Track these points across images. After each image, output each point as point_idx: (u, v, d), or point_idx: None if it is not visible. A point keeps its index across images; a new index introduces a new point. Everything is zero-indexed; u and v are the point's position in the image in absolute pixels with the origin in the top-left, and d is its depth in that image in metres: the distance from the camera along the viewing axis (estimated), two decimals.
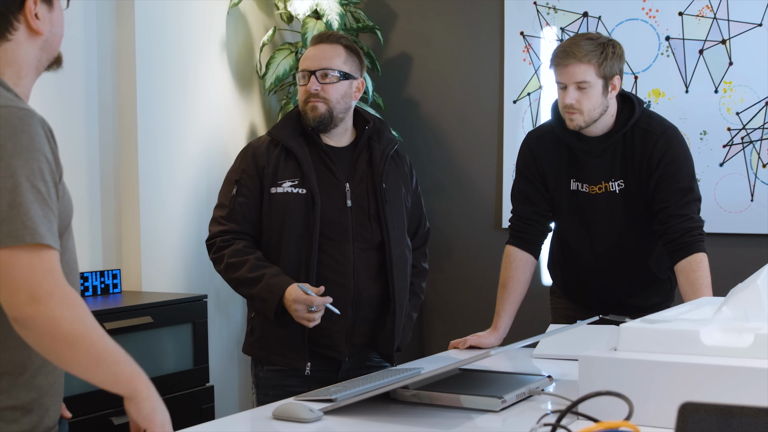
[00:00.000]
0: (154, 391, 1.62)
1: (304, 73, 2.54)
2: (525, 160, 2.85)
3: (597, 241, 2.81)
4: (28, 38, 1.64)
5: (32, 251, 1.48)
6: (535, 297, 4.14)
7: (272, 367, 2.54)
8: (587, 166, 2.75)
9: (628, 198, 2.72)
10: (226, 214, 2.52)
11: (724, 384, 1.57)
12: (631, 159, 2.70)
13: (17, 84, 1.65)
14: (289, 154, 2.52)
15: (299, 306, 2.36)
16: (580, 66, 2.61)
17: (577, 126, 2.67)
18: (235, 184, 2.53)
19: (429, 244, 2.84)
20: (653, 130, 2.71)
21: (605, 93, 2.66)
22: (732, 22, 3.72)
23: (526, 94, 4.12)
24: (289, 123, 2.56)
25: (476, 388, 2.01)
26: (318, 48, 2.55)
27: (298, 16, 3.92)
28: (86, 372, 1.56)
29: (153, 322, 3.08)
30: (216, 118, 3.92)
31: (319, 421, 1.82)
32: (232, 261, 2.47)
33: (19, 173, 1.50)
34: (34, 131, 1.55)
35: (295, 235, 2.47)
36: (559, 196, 2.81)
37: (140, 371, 1.62)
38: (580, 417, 1.42)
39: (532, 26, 4.09)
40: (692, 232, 2.65)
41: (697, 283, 2.61)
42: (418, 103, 4.41)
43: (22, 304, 1.47)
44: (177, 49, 3.71)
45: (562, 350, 2.44)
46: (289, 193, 2.49)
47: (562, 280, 3.03)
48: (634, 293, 2.86)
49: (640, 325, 1.77)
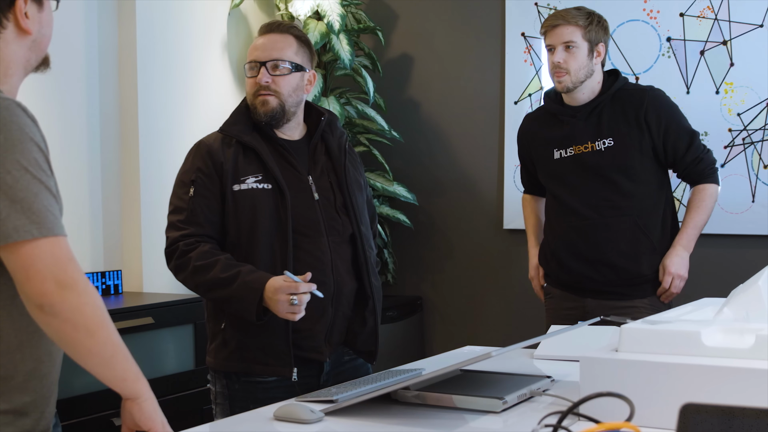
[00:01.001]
0: (152, 393, 1.64)
1: (252, 65, 2.39)
2: (518, 144, 3.27)
3: (587, 197, 3.00)
4: (17, 37, 1.64)
5: (51, 242, 1.51)
6: (536, 298, 4.14)
7: (251, 378, 2.36)
8: (573, 130, 3.02)
9: (617, 153, 2.96)
10: (184, 217, 2.35)
11: (725, 385, 1.57)
12: (623, 117, 2.96)
13: (4, 82, 1.64)
14: (247, 149, 2.37)
15: (282, 297, 2.17)
16: (568, 27, 2.95)
17: (565, 87, 2.98)
18: (192, 185, 2.35)
19: (430, 245, 2.83)
20: (642, 88, 3.03)
21: (590, 56, 2.97)
22: (733, 23, 3.72)
23: (527, 95, 4.12)
24: (241, 118, 2.41)
25: (477, 389, 2.00)
26: (268, 38, 2.40)
27: (299, 17, 3.93)
28: (99, 365, 1.58)
29: (154, 323, 3.09)
30: (217, 119, 3.91)
31: (320, 422, 1.82)
32: (200, 264, 2.29)
33: (17, 166, 1.51)
34: (22, 120, 1.55)
35: (267, 233, 2.32)
36: (545, 168, 3.10)
37: (141, 373, 1.64)
38: (581, 418, 1.42)
39: (533, 27, 4.09)
40: (702, 172, 3.00)
41: (694, 205, 3.01)
42: (419, 103, 4.41)
43: (50, 291, 1.50)
44: (178, 49, 3.71)
45: (563, 351, 2.44)
46: (255, 189, 2.33)
47: (555, 260, 3.13)
48: (626, 254, 2.98)
49: (641, 326, 1.77)
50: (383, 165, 4.15)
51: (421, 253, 4.37)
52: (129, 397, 1.63)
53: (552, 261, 3.14)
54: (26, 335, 1.62)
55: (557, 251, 3.10)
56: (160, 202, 3.62)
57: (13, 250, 1.51)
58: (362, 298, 2.45)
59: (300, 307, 2.18)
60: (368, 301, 2.44)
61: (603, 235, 3.00)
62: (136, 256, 3.54)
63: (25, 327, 1.62)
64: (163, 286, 3.61)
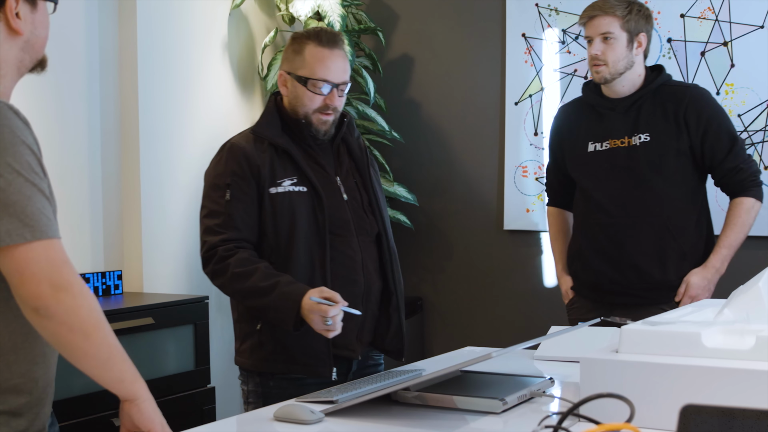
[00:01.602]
0: (150, 394, 1.64)
1: (324, 84, 2.40)
2: (550, 136, 3.13)
3: (617, 194, 2.88)
4: (8, 37, 1.63)
5: (45, 245, 1.51)
6: (536, 299, 4.14)
7: (286, 376, 2.40)
8: (609, 123, 2.90)
9: (652, 150, 2.84)
10: (222, 221, 2.35)
11: (725, 386, 1.57)
12: (663, 113, 2.84)
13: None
14: (281, 152, 2.40)
15: (316, 317, 2.21)
16: (605, 18, 2.84)
17: (603, 78, 2.86)
18: (227, 188, 2.36)
19: (430, 246, 2.85)
20: (685, 85, 2.92)
21: (630, 47, 2.85)
22: (734, 24, 3.72)
23: (528, 96, 4.12)
24: (273, 120, 2.44)
25: (477, 389, 2.00)
26: (336, 55, 2.42)
27: (299, 17, 3.93)
28: (96, 367, 1.58)
29: (154, 324, 3.08)
30: (217, 120, 3.92)
31: (320, 422, 1.82)
32: (239, 271, 2.30)
33: (8, 169, 1.50)
34: (13, 123, 1.54)
35: (304, 236, 2.36)
36: (577, 160, 2.97)
37: (139, 374, 1.64)
38: (581, 419, 1.42)
39: (534, 28, 4.09)
40: (742, 183, 2.86)
41: (730, 221, 2.87)
42: (420, 104, 4.41)
43: (45, 294, 1.50)
44: (179, 50, 3.71)
45: (563, 352, 2.43)
46: (292, 192, 2.37)
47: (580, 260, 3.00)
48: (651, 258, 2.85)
49: (641, 327, 1.77)
50: (384, 165, 4.15)
51: (421, 253, 4.37)
52: (127, 399, 1.63)
53: (577, 261, 3.02)
54: (20, 337, 1.62)
55: (582, 250, 2.98)
56: (160, 203, 3.62)
57: (7, 254, 1.50)
58: (386, 296, 2.50)
59: (334, 326, 2.22)
60: (392, 299, 2.50)
61: (629, 235, 2.87)
62: (136, 256, 3.54)
63: (19, 329, 1.61)
64: (163, 287, 3.61)
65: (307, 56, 2.41)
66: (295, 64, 2.43)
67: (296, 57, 2.43)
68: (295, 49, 2.44)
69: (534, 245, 4.15)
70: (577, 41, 3.99)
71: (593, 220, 2.94)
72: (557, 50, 4.05)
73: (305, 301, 2.22)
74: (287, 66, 2.45)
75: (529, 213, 4.12)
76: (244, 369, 2.47)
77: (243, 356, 2.45)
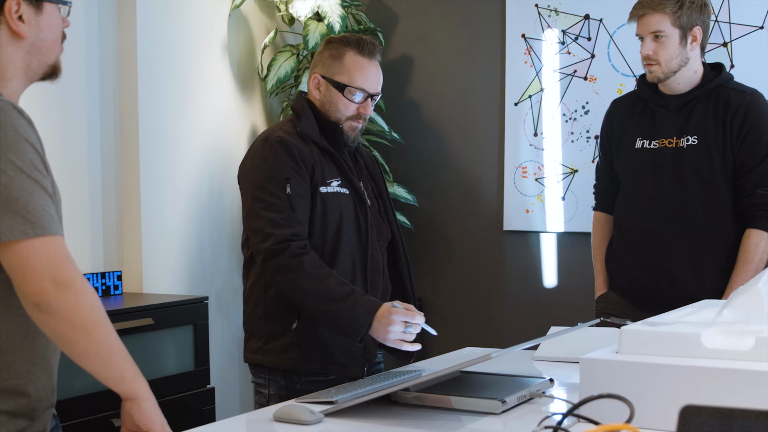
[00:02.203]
0: (152, 393, 1.64)
1: (362, 93, 2.42)
2: (601, 130, 2.98)
3: (658, 196, 2.75)
4: (11, 40, 1.63)
5: (47, 242, 1.52)
6: (536, 299, 4.14)
7: (314, 378, 2.37)
8: (661, 121, 2.77)
9: (698, 154, 2.71)
10: (287, 216, 2.27)
11: (725, 387, 1.57)
12: (714, 116, 2.70)
13: (3, 85, 1.64)
14: (324, 152, 2.39)
15: (398, 321, 2.18)
16: (655, 15, 2.68)
17: (656, 78, 2.72)
18: (287, 182, 2.29)
19: (430, 246, 2.86)
20: (743, 89, 2.74)
21: (683, 44, 2.69)
22: (733, 25, 3.72)
23: (528, 97, 4.12)
24: (314, 122, 2.41)
25: (477, 390, 2.00)
26: (375, 67, 2.45)
27: (299, 18, 3.93)
28: (97, 364, 1.58)
29: (154, 324, 3.08)
30: (217, 120, 3.92)
31: (319, 423, 1.82)
32: (314, 271, 2.23)
33: (11, 166, 1.51)
34: (16, 121, 1.55)
35: (349, 238, 2.36)
36: (623, 156, 2.85)
37: (140, 373, 1.64)
38: (581, 420, 1.42)
39: (534, 28, 4.09)
40: (751, 208, 2.69)
41: (739, 259, 2.68)
42: (420, 104, 4.41)
43: (47, 290, 1.51)
44: (178, 50, 3.71)
45: (563, 353, 2.44)
46: (340, 193, 2.37)
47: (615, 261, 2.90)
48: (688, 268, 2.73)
49: (641, 327, 1.77)
50: (383, 166, 4.15)
51: (421, 254, 4.37)
52: (128, 397, 1.63)
53: (612, 262, 2.92)
54: (18, 336, 1.62)
55: (618, 252, 2.88)
56: (159, 203, 3.62)
57: (9, 250, 1.51)
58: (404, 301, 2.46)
59: (412, 336, 2.21)
60: (410, 303, 2.52)
61: (666, 241, 2.74)
62: (135, 256, 3.54)
63: (17, 328, 1.62)
64: (163, 287, 3.61)
65: (346, 63, 2.41)
66: (333, 69, 2.42)
67: (334, 62, 2.42)
68: (333, 55, 2.42)
69: (534, 246, 4.15)
70: (577, 42, 4.00)
71: (632, 222, 2.83)
72: (557, 51, 4.05)
73: (384, 308, 2.20)
74: (323, 70, 2.43)
75: (529, 213, 4.12)
76: (264, 367, 2.40)
77: (269, 355, 2.38)
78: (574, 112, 4.02)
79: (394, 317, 2.19)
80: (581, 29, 3.98)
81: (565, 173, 4.05)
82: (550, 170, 4.07)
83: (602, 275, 2.97)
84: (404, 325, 2.19)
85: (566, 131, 4.04)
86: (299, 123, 2.38)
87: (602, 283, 2.97)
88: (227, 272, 3.96)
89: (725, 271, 2.71)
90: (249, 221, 2.33)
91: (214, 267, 3.88)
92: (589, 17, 3.97)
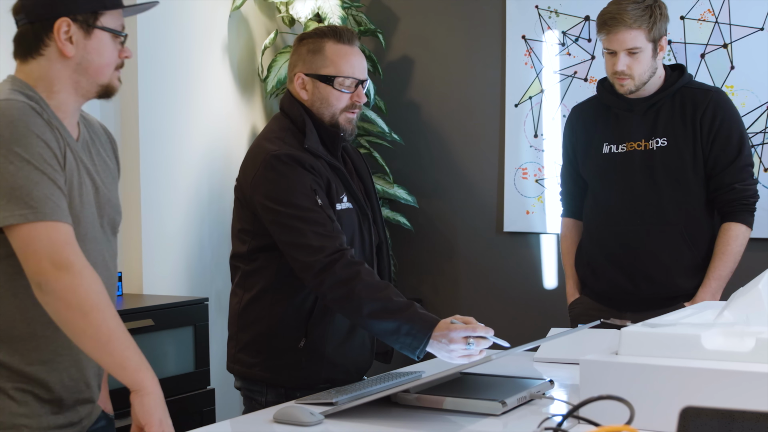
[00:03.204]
0: (159, 388, 1.66)
1: (352, 81, 2.29)
2: (563, 138, 2.98)
3: (631, 199, 2.75)
4: (59, 58, 1.74)
5: (48, 226, 1.61)
6: (536, 301, 4.14)
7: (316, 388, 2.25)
8: (627, 125, 2.76)
9: (669, 155, 2.72)
10: (330, 227, 2.17)
11: (725, 388, 1.57)
12: (681, 116, 2.71)
13: (51, 97, 1.75)
14: (331, 167, 2.29)
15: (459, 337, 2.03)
16: (630, 32, 2.63)
17: (628, 90, 2.70)
18: (315, 195, 2.19)
19: (430, 247, 2.82)
20: (707, 88, 2.75)
21: (654, 55, 2.68)
22: (734, 26, 3.72)
23: (528, 98, 4.12)
24: (316, 134, 2.30)
25: (477, 391, 2.00)
26: (358, 53, 2.32)
27: (299, 19, 3.93)
28: (96, 348, 1.63)
29: (154, 325, 3.08)
30: (217, 122, 3.92)
31: (319, 424, 1.82)
32: (373, 281, 2.13)
33: (18, 158, 1.61)
34: (31, 120, 1.65)
35: (357, 253, 2.28)
36: (591, 162, 2.84)
37: (148, 366, 1.66)
38: (581, 421, 1.42)
39: (534, 30, 4.09)
40: (730, 203, 2.71)
41: (717, 251, 2.71)
42: (420, 106, 4.41)
43: (46, 270, 1.60)
44: (179, 52, 3.71)
45: (563, 354, 2.44)
46: (349, 209, 2.29)
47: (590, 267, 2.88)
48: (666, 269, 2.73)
49: (641, 329, 1.77)
50: (383, 167, 4.15)
51: (421, 255, 4.37)
52: (131, 389, 1.66)
53: (587, 268, 2.90)
54: (40, 326, 1.71)
55: (592, 257, 2.86)
56: (160, 204, 3.62)
57: (13, 234, 1.61)
58: None
59: (476, 351, 2.04)
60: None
61: (643, 243, 2.75)
62: (135, 257, 3.54)
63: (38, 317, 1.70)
64: (163, 288, 3.61)
65: (329, 54, 2.29)
66: (316, 64, 2.30)
67: (315, 57, 2.30)
68: (312, 49, 2.31)
69: (534, 247, 4.14)
70: (577, 43, 4.00)
71: (605, 226, 2.81)
72: (557, 52, 4.05)
73: (442, 325, 2.06)
74: (305, 68, 2.31)
75: (529, 215, 4.12)
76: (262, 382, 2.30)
77: (269, 371, 2.28)
78: None
79: (453, 335, 2.03)
80: (581, 30, 3.98)
81: None
82: (551, 172, 4.07)
83: (573, 280, 2.96)
84: (465, 341, 2.03)
85: None
86: (305, 139, 2.27)
87: (573, 288, 2.96)
88: (227, 273, 3.93)
89: (702, 269, 2.74)
90: (286, 237, 2.18)
91: (215, 268, 3.88)
92: (590, 18, 3.96)
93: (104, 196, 1.81)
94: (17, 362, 1.70)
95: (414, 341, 2.07)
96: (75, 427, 1.80)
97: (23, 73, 1.76)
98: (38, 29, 1.73)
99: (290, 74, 2.36)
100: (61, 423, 1.76)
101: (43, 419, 1.72)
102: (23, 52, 1.75)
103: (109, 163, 1.90)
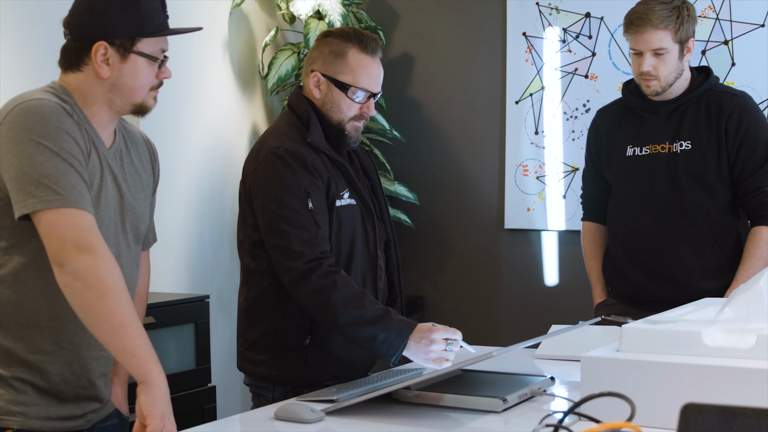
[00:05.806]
0: (165, 383, 1.68)
1: (366, 93, 2.32)
2: (588, 140, 2.97)
3: (655, 202, 2.74)
4: (95, 76, 1.83)
5: (74, 213, 1.68)
6: (537, 298, 4.14)
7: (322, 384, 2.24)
8: (651, 127, 2.76)
9: (692, 159, 2.71)
10: (314, 233, 2.17)
11: (726, 385, 1.57)
12: (706, 120, 2.70)
13: (86, 107, 1.85)
14: (333, 163, 2.29)
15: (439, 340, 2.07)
16: (657, 32, 2.62)
17: (654, 92, 2.69)
18: (308, 197, 2.19)
19: (431, 244, 2.81)
20: (733, 92, 2.74)
21: (681, 57, 2.67)
22: (734, 23, 3.72)
23: (529, 95, 4.12)
24: (320, 130, 2.29)
25: (478, 388, 2.01)
26: (379, 65, 2.36)
27: (300, 16, 3.93)
28: (108, 332, 1.67)
29: (155, 323, 3.08)
30: (218, 119, 3.92)
31: (321, 421, 1.82)
32: (348, 291, 2.14)
33: (47, 151, 1.70)
34: (61, 118, 1.75)
35: (359, 250, 2.29)
36: (614, 164, 2.83)
37: (157, 359, 1.69)
38: (582, 418, 1.42)
39: (535, 27, 4.09)
40: (761, 207, 2.69)
41: (747, 253, 2.69)
42: (420, 103, 4.41)
43: (68, 251, 1.66)
44: (179, 49, 3.70)
45: (564, 351, 2.44)
46: (351, 205, 2.28)
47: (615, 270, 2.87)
48: (691, 270, 2.72)
49: (642, 326, 1.77)
50: (384, 165, 4.15)
51: (422, 252, 4.37)
52: (139, 379, 1.67)
53: (612, 271, 2.89)
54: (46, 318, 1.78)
55: (616, 259, 2.85)
56: (160, 201, 3.61)
57: (40, 219, 1.68)
58: (391, 299, 2.44)
59: (452, 354, 2.10)
60: (396, 301, 2.44)
61: (667, 246, 2.73)
62: None
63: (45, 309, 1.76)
64: (164, 286, 3.61)
65: (350, 62, 2.29)
66: (335, 67, 2.29)
67: (336, 60, 2.29)
68: (335, 52, 2.30)
69: (535, 244, 4.15)
70: (578, 40, 3.99)
71: (629, 229, 2.81)
72: (558, 49, 4.05)
73: (424, 327, 2.10)
74: (323, 67, 2.30)
75: (530, 212, 4.12)
76: (270, 381, 2.30)
77: (276, 369, 2.28)
78: (575, 110, 4.02)
79: (435, 336, 2.08)
80: (582, 27, 3.98)
81: (566, 171, 4.05)
82: (551, 168, 4.07)
83: (600, 284, 2.94)
84: (445, 343, 2.09)
85: (567, 129, 4.04)
86: (308, 133, 2.26)
87: (601, 292, 2.94)
88: (228, 271, 3.96)
89: (729, 271, 2.72)
90: (271, 237, 2.20)
91: (215, 265, 3.88)
92: (590, 15, 3.96)
93: (129, 203, 1.89)
94: (21, 349, 1.76)
95: (390, 348, 2.11)
96: (78, 420, 1.82)
97: (64, 81, 1.87)
98: (79, 47, 1.83)
99: (307, 68, 2.35)
100: (61, 414, 1.79)
101: (42, 409, 1.77)
102: (65, 64, 1.86)
103: (141, 174, 2.00)
